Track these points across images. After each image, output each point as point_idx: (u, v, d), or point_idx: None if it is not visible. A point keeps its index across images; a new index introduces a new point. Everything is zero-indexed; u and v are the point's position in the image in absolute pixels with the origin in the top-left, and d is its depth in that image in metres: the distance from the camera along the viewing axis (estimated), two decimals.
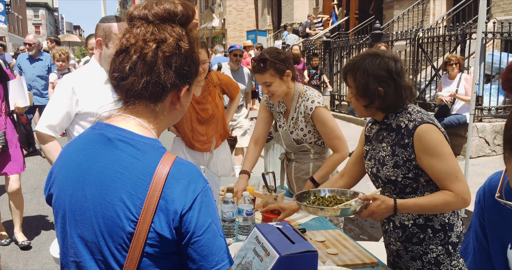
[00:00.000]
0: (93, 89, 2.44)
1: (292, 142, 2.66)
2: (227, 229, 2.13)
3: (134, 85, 1.06)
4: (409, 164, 1.81)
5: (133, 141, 1.06)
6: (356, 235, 4.29)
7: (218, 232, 1.05)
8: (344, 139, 2.61)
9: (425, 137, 1.75)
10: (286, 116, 2.71)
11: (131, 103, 1.09)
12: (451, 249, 1.87)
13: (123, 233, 1.01)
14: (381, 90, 1.79)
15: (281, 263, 1.31)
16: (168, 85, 1.07)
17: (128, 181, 1.01)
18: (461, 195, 1.74)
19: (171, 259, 1.06)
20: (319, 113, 2.55)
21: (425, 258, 1.89)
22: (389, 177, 1.87)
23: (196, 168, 1.07)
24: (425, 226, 1.89)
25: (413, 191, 1.86)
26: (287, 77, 2.55)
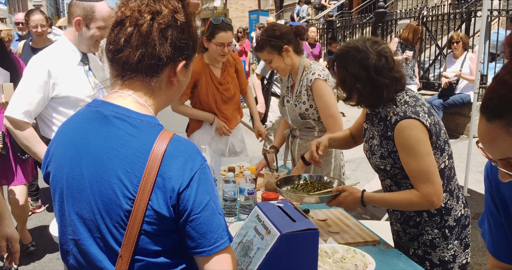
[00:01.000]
0: (69, 72, 2.32)
1: (297, 117, 2.64)
2: (228, 209, 2.13)
3: (130, 58, 1.04)
4: (393, 155, 1.81)
5: (129, 118, 1.04)
6: (358, 214, 4.30)
7: (216, 209, 1.04)
8: (339, 119, 2.57)
9: (403, 134, 1.72)
10: (292, 90, 2.69)
11: (127, 77, 1.07)
12: (448, 232, 1.86)
13: (120, 210, 1.00)
14: (359, 86, 1.77)
15: (282, 241, 1.30)
16: (163, 58, 1.05)
17: (125, 159, 1.00)
18: (427, 197, 1.72)
19: (170, 237, 1.05)
20: (317, 85, 2.52)
21: (421, 239, 1.90)
22: (378, 166, 1.89)
23: (193, 145, 1.05)
24: (420, 210, 1.87)
25: (405, 177, 1.84)
26: (286, 52, 2.53)
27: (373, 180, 5.15)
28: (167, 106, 1.19)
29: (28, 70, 2.28)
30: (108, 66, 1.13)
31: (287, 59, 2.54)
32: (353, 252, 1.61)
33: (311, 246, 1.35)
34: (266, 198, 2.16)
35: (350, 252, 1.62)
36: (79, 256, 1.09)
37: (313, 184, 2.11)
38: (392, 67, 1.76)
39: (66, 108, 2.32)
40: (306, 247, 1.34)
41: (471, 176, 4.85)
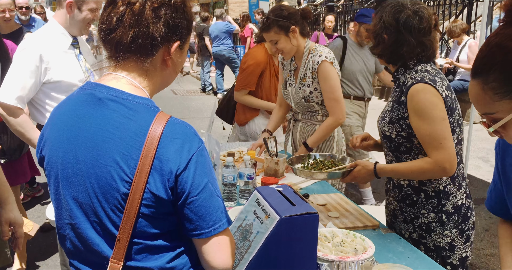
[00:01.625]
0: (60, 56, 2.28)
1: (300, 100, 2.61)
2: (228, 193, 2.12)
3: (123, 38, 1.02)
4: (402, 122, 1.77)
5: (124, 100, 1.02)
6: (357, 200, 4.31)
7: (214, 192, 1.03)
8: (342, 104, 2.55)
9: (417, 97, 1.69)
10: (296, 73, 2.66)
11: (121, 58, 1.05)
12: (445, 218, 1.83)
13: (117, 194, 0.99)
14: (385, 37, 1.77)
15: (282, 225, 1.30)
16: (157, 37, 1.03)
17: (121, 142, 0.99)
18: (439, 163, 1.69)
19: (168, 220, 1.04)
20: (324, 68, 2.49)
21: (416, 222, 1.88)
22: (384, 132, 1.86)
23: (190, 127, 1.04)
24: (418, 189, 1.86)
25: (407, 151, 1.82)
26: (293, 33, 2.50)
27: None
28: (162, 88, 1.17)
29: (19, 54, 2.23)
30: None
31: (293, 40, 2.51)
32: (352, 236, 1.61)
33: (311, 230, 1.34)
34: (266, 183, 2.15)
35: (349, 236, 1.61)
36: (76, 240, 1.08)
37: (323, 162, 2.14)
38: (423, 30, 1.74)
39: (58, 93, 2.29)
40: (305, 231, 1.33)
41: (470, 162, 4.85)
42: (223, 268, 1.06)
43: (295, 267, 1.35)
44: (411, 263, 1.59)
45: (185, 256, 1.09)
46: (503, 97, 0.91)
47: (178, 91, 11.10)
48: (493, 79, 0.91)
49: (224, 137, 4.68)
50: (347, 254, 1.49)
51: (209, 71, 10.85)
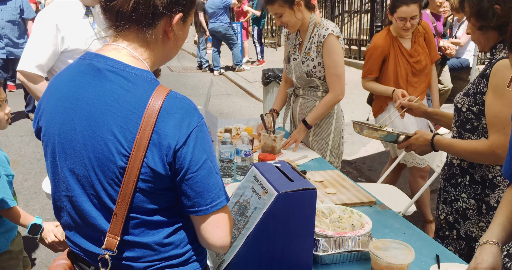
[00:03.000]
0: (75, 24, 2.39)
1: (302, 74, 2.58)
2: (225, 170, 2.12)
3: (124, 6, 0.99)
4: (478, 97, 1.66)
5: (124, 72, 1.00)
6: (354, 177, 4.33)
7: (213, 169, 1.02)
8: (343, 80, 2.53)
9: (500, 72, 1.56)
10: (300, 48, 2.62)
11: (121, 28, 1.02)
12: (484, 209, 1.73)
13: (114, 167, 0.97)
14: (497, 7, 1.60)
15: (280, 201, 1.29)
16: (159, 6, 0.99)
17: (119, 114, 0.96)
18: (494, 147, 1.57)
19: (166, 195, 1.03)
20: (329, 42, 2.45)
21: (455, 205, 1.82)
22: (457, 103, 1.77)
23: (190, 102, 1.02)
24: (466, 171, 1.78)
25: (472, 130, 1.72)
26: (298, 6, 2.44)
27: (369, 144, 5.17)
28: (163, 62, 1.14)
29: (36, 26, 2.38)
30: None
31: (298, 13, 2.46)
32: (350, 212, 1.61)
33: (309, 205, 1.34)
34: (263, 160, 2.14)
35: (347, 212, 1.62)
36: (73, 213, 1.07)
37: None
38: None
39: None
40: (303, 207, 1.33)
41: None
42: (220, 245, 1.06)
43: (293, 242, 1.35)
44: (408, 239, 1.59)
45: (183, 232, 1.09)
46: None
47: (174, 68, 10.99)
48: None
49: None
50: (344, 230, 1.49)
51: (205, 47, 10.71)
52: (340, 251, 1.44)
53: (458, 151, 1.73)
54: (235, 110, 7.15)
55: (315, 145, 2.67)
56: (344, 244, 1.45)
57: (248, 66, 10.46)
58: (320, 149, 2.66)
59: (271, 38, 14.01)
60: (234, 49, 9.94)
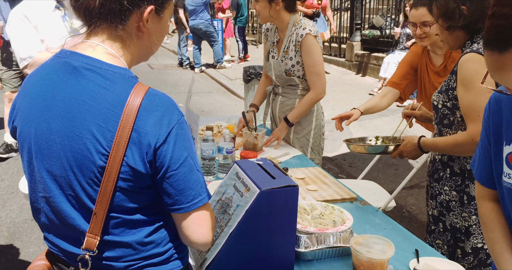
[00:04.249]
0: (45, 17, 2.45)
1: (282, 73, 2.59)
2: (207, 168, 2.11)
3: (91, 3, 0.97)
4: (451, 92, 1.74)
5: (101, 70, 0.98)
6: (335, 174, 4.37)
7: (194, 166, 1.02)
8: (323, 78, 2.55)
9: (465, 65, 1.64)
10: (278, 46, 2.63)
11: (93, 26, 1.01)
12: (466, 200, 1.79)
13: (93, 167, 0.96)
14: (464, 8, 1.66)
15: (262, 198, 1.29)
16: (125, 1, 0.97)
17: (97, 113, 0.95)
18: (473, 136, 1.62)
19: (146, 194, 1.02)
20: (307, 41, 2.47)
21: (439, 198, 1.88)
22: (433, 101, 1.84)
23: (170, 99, 1.01)
24: (446, 165, 1.85)
25: (449, 125, 1.79)
26: (275, 5, 2.45)
27: None
28: (143, 59, 1.12)
29: (9, 25, 2.45)
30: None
31: (272, 10, 2.47)
32: (331, 208, 1.63)
33: (291, 202, 1.35)
34: (245, 157, 2.14)
35: (328, 209, 1.63)
36: (50, 214, 1.05)
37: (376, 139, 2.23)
38: None
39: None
40: (285, 204, 1.34)
41: None
42: (202, 242, 1.06)
43: (275, 239, 1.35)
44: (388, 234, 1.62)
45: (164, 230, 1.08)
46: None
47: (155, 66, 10.89)
48: None
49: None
50: (326, 226, 1.51)
51: (186, 45, 10.64)
52: (322, 247, 1.45)
53: (442, 147, 1.79)
54: (217, 108, 7.13)
55: (296, 143, 2.68)
56: (326, 240, 1.46)
57: (229, 64, 10.43)
58: (301, 146, 2.68)
59: (252, 35, 14.00)
60: (214, 46, 9.90)
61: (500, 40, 0.96)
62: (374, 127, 5.67)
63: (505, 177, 1.20)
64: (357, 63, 8.97)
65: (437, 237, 1.90)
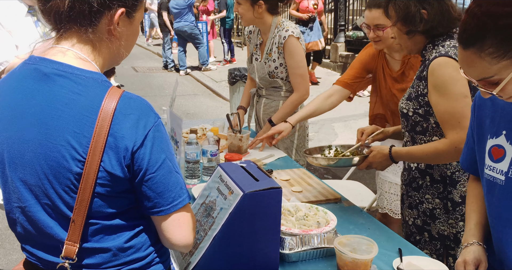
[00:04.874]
0: (17, 22, 2.43)
1: (265, 75, 2.60)
2: (191, 170, 2.10)
3: (60, 6, 0.95)
4: (421, 99, 1.67)
5: (72, 75, 0.96)
6: (320, 174, 4.39)
7: (173, 168, 1.01)
8: (307, 80, 2.56)
9: (437, 71, 1.58)
10: (261, 48, 2.64)
11: (63, 30, 0.99)
12: (450, 206, 1.74)
13: (70, 174, 0.95)
14: (424, 12, 1.61)
15: (245, 200, 1.29)
16: (95, 3, 0.96)
17: (71, 119, 0.94)
18: (456, 144, 1.56)
19: (125, 198, 1.01)
20: (290, 43, 2.47)
21: (421, 208, 1.81)
22: (402, 109, 1.75)
23: (146, 102, 1.00)
24: (424, 172, 1.78)
25: (423, 132, 1.72)
26: (258, 8, 2.46)
27: (335, 142, 5.25)
28: (115, 63, 1.10)
29: None
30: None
31: (255, 12, 2.47)
32: (315, 209, 1.63)
33: (274, 204, 1.35)
34: (230, 160, 2.14)
35: (312, 210, 1.64)
36: (26, 224, 1.03)
37: (341, 152, 2.04)
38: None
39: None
40: (269, 206, 1.34)
41: None
42: (183, 244, 1.05)
43: (259, 241, 1.35)
44: (371, 234, 1.63)
45: (144, 234, 1.07)
46: (500, 60, 1.00)
47: (139, 69, 10.82)
48: (490, 45, 1.00)
49: None
50: (310, 228, 1.51)
51: (170, 47, 10.60)
52: (306, 248, 1.46)
53: (419, 156, 1.70)
54: (202, 110, 7.11)
55: (280, 144, 2.69)
56: (310, 241, 1.46)
57: (214, 66, 10.42)
58: (286, 147, 2.69)
59: (237, 37, 14.01)
60: (200, 48, 9.88)
61: (464, 37, 1.03)
62: (360, 127, 5.70)
63: (486, 169, 1.25)
64: (341, 64, 9.03)
65: (424, 247, 1.83)
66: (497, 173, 1.20)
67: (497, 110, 1.23)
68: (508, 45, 0.98)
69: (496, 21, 0.97)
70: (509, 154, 1.17)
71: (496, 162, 1.21)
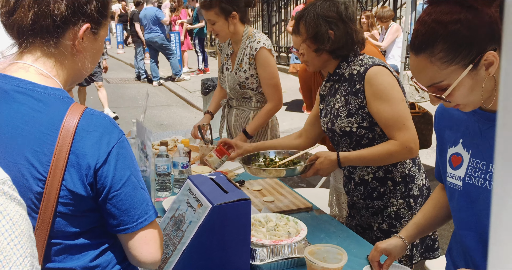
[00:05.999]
0: None
1: (235, 86, 2.60)
2: (162, 183, 2.08)
3: (23, 20, 0.94)
4: (362, 111, 1.71)
5: (33, 92, 0.95)
6: (295, 183, 4.42)
7: (138, 184, 1.00)
8: (280, 90, 2.58)
9: (375, 80, 1.66)
10: (232, 58, 2.64)
11: (25, 44, 0.98)
12: (412, 202, 1.81)
13: (30, 193, 0.93)
14: (331, 32, 1.71)
15: (214, 213, 1.29)
16: (58, 18, 0.95)
17: (31, 137, 0.92)
18: (406, 144, 1.65)
19: (89, 216, 1.00)
20: (262, 55, 2.49)
21: (385, 212, 1.83)
22: (343, 128, 1.76)
23: (109, 118, 0.99)
24: (385, 179, 1.81)
25: (370, 143, 1.76)
26: (232, 19, 2.46)
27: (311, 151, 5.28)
28: (78, 78, 1.09)
29: None
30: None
31: (231, 26, 2.48)
32: (286, 219, 1.64)
33: (244, 216, 1.35)
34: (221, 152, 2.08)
35: (283, 220, 1.64)
36: None
37: (273, 160, 1.95)
38: (352, 18, 1.75)
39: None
40: (238, 218, 1.34)
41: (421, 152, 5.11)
42: (151, 262, 1.04)
43: (229, 254, 1.35)
44: (342, 242, 1.65)
45: (110, 253, 1.05)
46: (449, 65, 1.04)
47: (112, 80, 10.68)
48: (440, 50, 1.04)
49: None
50: (281, 238, 1.52)
51: (143, 58, 10.52)
52: (277, 259, 1.46)
53: (371, 159, 1.72)
54: (176, 121, 7.06)
55: None
56: (281, 251, 1.47)
57: (188, 76, 10.39)
58: None
59: (210, 47, 14.02)
60: (171, 59, 9.83)
61: (415, 44, 1.08)
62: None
63: (448, 177, 1.29)
64: None
65: None
66: (456, 180, 1.24)
67: (454, 120, 1.28)
68: (457, 50, 1.03)
69: (446, 27, 1.02)
70: (465, 161, 1.22)
71: (455, 169, 1.26)
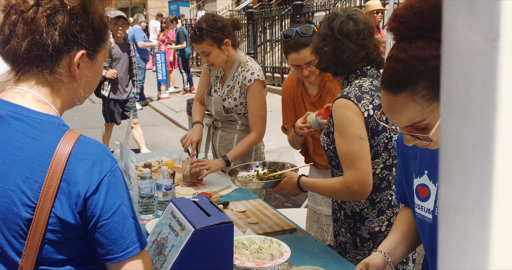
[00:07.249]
0: None
1: (221, 110, 2.61)
2: (145, 206, 2.07)
3: (18, 49, 0.95)
4: (331, 135, 1.72)
5: (28, 118, 0.95)
6: (280, 203, 4.41)
7: (128, 213, 0.99)
8: (265, 122, 2.59)
9: (337, 112, 1.65)
10: (222, 82, 2.65)
11: (21, 72, 0.98)
12: (359, 242, 1.78)
13: (19, 220, 0.92)
14: (326, 49, 1.70)
15: (197, 237, 1.29)
16: (51, 47, 0.95)
17: (24, 163, 0.92)
18: (348, 183, 1.61)
19: (77, 244, 0.99)
20: (256, 87, 2.50)
21: (338, 239, 1.87)
22: (322, 143, 1.81)
23: (103, 147, 0.99)
24: (340, 207, 1.84)
25: (337, 166, 1.78)
26: (225, 46, 2.47)
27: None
28: (75, 104, 1.09)
29: None
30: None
31: (225, 53, 2.48)
32: (269, 241, 1.64)
33: (226, 239, 1.35)
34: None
35: (266, 242, 1.64)
36: None
37: (264, 173, 2.12)
38: (361, 32, 1.66)
39: None
40: (221, 241, 1.33)
41: None
42: None
43: None
44: (326, 264, 1.65)
45: None
46: (432, 102, 0.99)
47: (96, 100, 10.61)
48: (422, 88, 0.99)
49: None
50: (264, 260, 1.51)
51: None
52: None
53: (320, 190, 1.78)
54: (161, 141, 7.04)
55: None
56: None
57: (173, 96, 10.40)
58: None
59: (196, 67, 14.11)
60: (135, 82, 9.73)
61: (393, 83, 1.02)
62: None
63: (416, 208, 1.27)
64: None
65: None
66: (425, 212, 1.22)
67: (417, 150, 1.25)
68: (439, 86, 1.02)
69: (426, 63, 0.97)
70: (433, 193, 1.20)
71: (423, 200, 1.24)
